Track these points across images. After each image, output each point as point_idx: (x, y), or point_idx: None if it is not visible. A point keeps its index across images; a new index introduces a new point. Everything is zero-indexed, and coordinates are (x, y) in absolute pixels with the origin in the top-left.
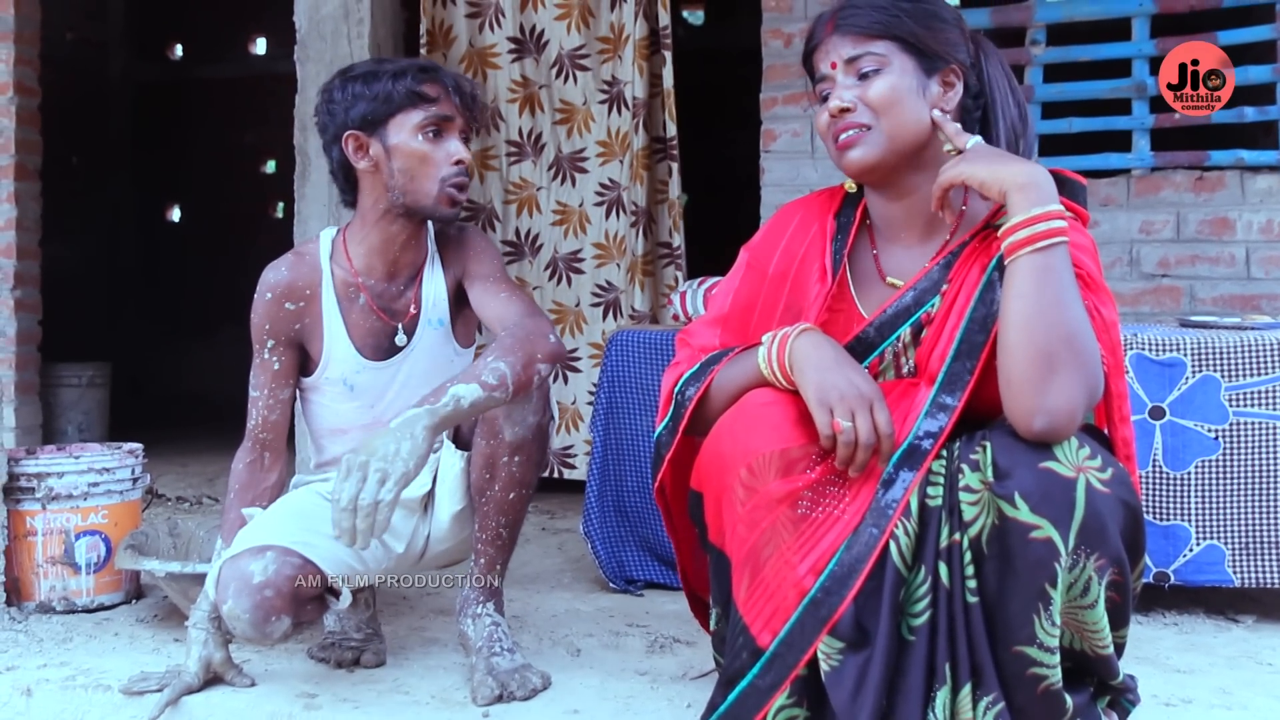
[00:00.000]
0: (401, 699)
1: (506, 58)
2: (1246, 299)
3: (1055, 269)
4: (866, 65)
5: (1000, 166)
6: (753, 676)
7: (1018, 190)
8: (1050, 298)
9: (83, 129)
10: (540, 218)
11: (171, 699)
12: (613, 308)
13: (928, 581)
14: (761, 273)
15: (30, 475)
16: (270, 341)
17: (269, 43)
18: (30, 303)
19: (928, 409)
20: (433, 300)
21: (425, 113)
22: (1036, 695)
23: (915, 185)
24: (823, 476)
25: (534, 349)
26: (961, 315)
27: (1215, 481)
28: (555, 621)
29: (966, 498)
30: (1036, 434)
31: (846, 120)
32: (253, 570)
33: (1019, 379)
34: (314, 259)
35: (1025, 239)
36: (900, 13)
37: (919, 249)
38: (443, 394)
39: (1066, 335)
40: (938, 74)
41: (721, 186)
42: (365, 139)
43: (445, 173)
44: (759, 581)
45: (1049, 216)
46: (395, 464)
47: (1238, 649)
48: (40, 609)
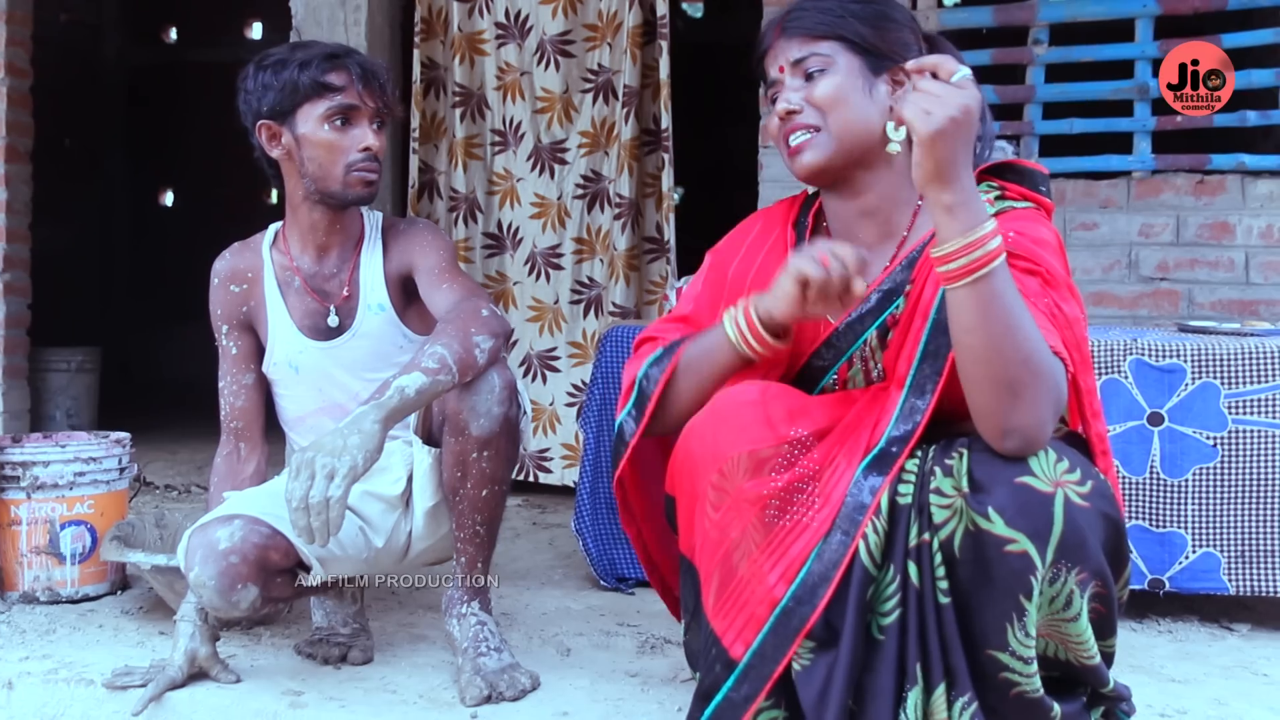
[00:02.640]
0: (389, 698)
1: (493, 43)
2: (1245, 304)
3: (999, 294)
4: (812, 66)
5: (939, 173)
6: (728, 689)
7: (946, 212)
8: (999, 327)
9: (75, 112)
10: (520, 210)
11: (155, 694)
12: (594, 305)
13: (896, 580)
14: (722, 276)
15: (15, 464)
16: (224, 326)
17: (264, 27)
18: (20, 286)
19: (898, 414)
20: (370, 285)
21: (331, 102)
22: (1010, 699)
23: (868, 185)
24: (791, 483)
25: (468, 325)
26: (925, 318)
27: (1213, 489)
28: (545, 619)
29: (937, 500)
30: (1009, 452)
31: (794, 122)
32: (219, 537)
33: (983, 407)
34: (257, 246)
35: (961, 269)
36: (846, 14)
37: (878, 249)
38: (386, 389)
39: (1022, 359)
40: (886, 73)
41: (719, 181)
42: (277, 128)
43: (352, 158)
44: (729, 591)
45: (983, 241)
46: (343, 459)
47: (1232, 658)
48: (24, 599)
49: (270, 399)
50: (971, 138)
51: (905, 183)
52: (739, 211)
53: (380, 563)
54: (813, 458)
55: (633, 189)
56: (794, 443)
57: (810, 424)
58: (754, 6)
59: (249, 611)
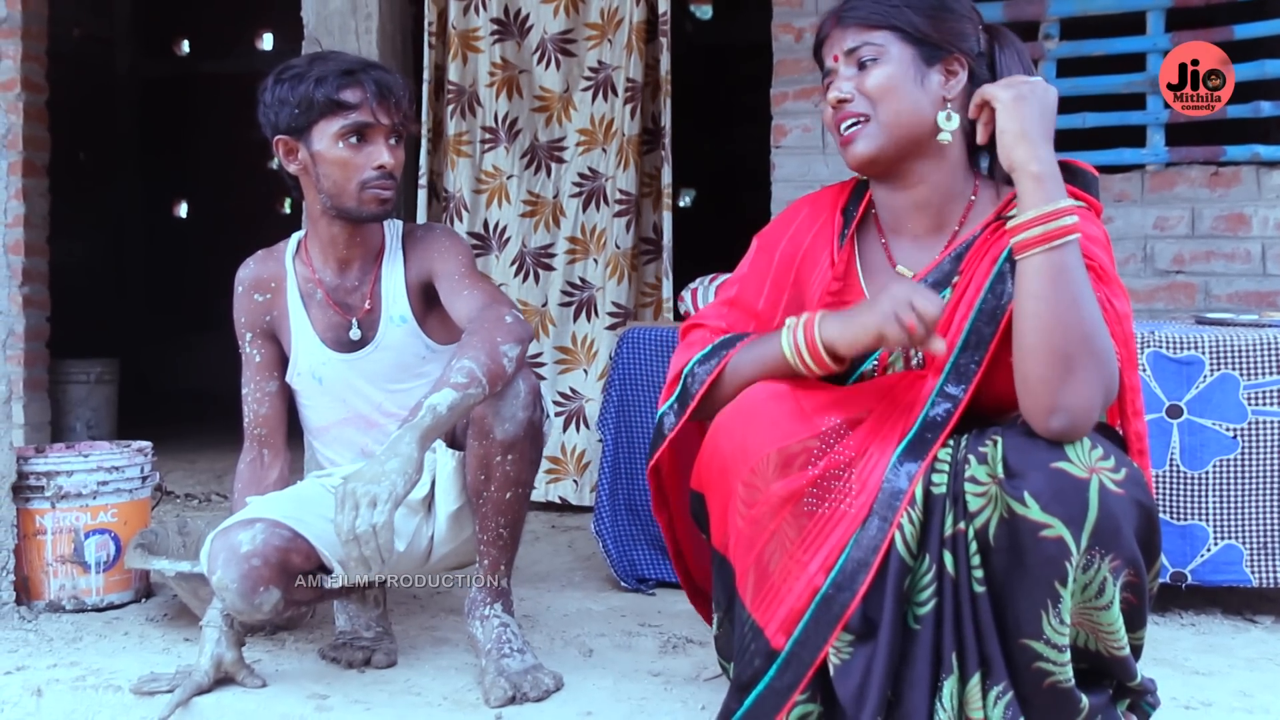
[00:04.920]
0: (413, 700)
1: (488, 40)
2: (1262, 295)
3: (1069, 267)
4: (865, 55)
5: (1025, 134)
6: (770, 678)
7: (1032, 179)
8: (1066, 298)
9: (90, 125)
10: (509, 208)
11: (182, 699)
12: (586, 307)
13: (932, 570)
14: (769, 258)
15: (39, 474)
16: (248, 334)
17: (276, 38)
18: (38, 299)
19: (933, 399)
20: (391, 297)
21: (345, 120)
22: (1043, 689)
23: (921, 176)
24: (826, 471)
25: (494, 334)
26: (970, 307)
27: (1233, 481)
28: (567, 621)
29: (972, 489)
30: (1054, 433)
31: (845, 110)
32: (241, 540)
33: (1036, 379)
34: (280, 255)
35: (1038, 237)
36: (902, 3)
37: (927, 240)
38: (419, 409)
39: (1083, 335)
40: (939, 63)
41: (730, 184)
42: (293, 144)
43: (366, 176)
44: (768, 585)
45: (1061, 213)
46: (382, 484)
47: (1257, 650)
48: (50, 608)
49: (293, 405)
50: (1051, 115)
51: (959, 176)
52: (749, 213)
53: (402, 566)
54: (847, 445)
55: (635, 185)
56: (827, 432)
57: (843, 412)
58: (763, 8)
59: (271, 614)
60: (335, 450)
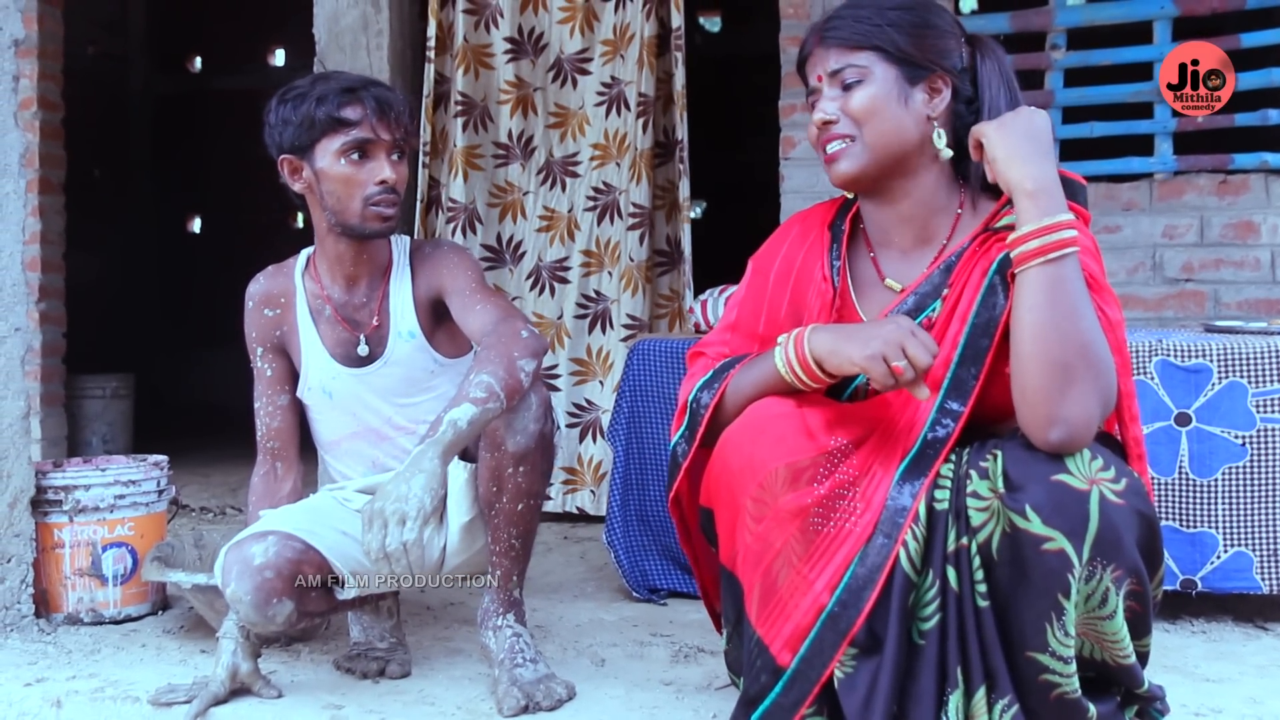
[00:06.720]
0: (428, 710)
1: (502, 58)
2: (1272, 303)
3: (1068, 280)
4: (849, 77)
5: (1019, 156)
6: (776, 695)
7: (1027, 196)
8: (1064, 310)
9: (104, 142)
10: (525, 224)
11: (200, 710)
12: (601, 319)
13: (936, 585)
14: (764, 280)
15: (58, 488)
16: (259, 349)
17: (288, 54)
18: (55, 315)
19: (934, 416)
20: (399, 313)
21: (346, 137)
22: (1050, 701)
23: (906, 191)
24: (832, 490)
25: (510, 349)
26: (964, 320)
27: (1242, 488)
28: (579, 631)
29: (974, 504)
30: (1053, 445)
31: (831, 132)
32: (254, 553)
33: (1034, 391)
34: (290, 271)
35: (1037, 249)
36: (884, 23)
37: (915, 254)
38: (439, 425)
39: (1081, 346)
40: (923, 82)
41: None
42: (297, 162)
43: (369, 192)
44: (775, 601)
45: (1060, 226)
46: (410, 502)
47: (1267, 657)
48: (68, 620)
49: (305, 419)
50: (1041, 134)
51: (944, 190)
52: (760, 224)
53: (414, 577)
54: (851, 464)
55: (648, 199)
56: (833, 451)
57: (848, 432)
58: (771, 19)
59: (285, 626)
60: (346, 464)
